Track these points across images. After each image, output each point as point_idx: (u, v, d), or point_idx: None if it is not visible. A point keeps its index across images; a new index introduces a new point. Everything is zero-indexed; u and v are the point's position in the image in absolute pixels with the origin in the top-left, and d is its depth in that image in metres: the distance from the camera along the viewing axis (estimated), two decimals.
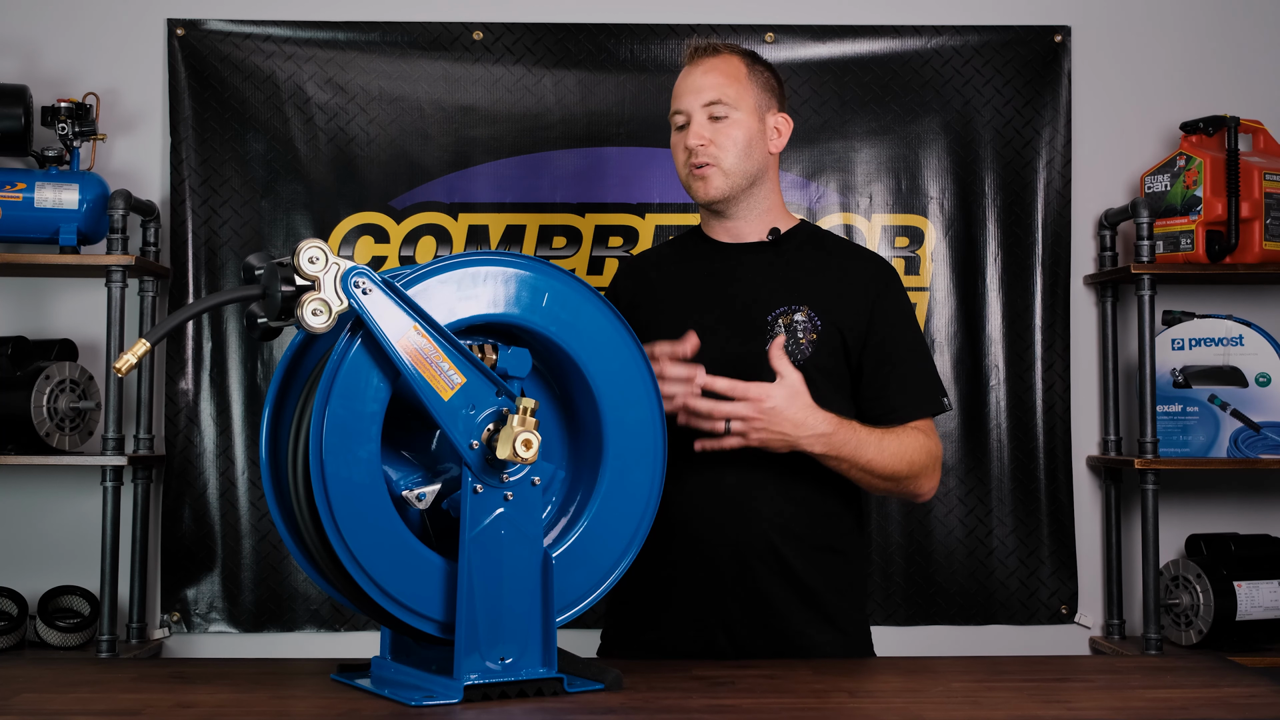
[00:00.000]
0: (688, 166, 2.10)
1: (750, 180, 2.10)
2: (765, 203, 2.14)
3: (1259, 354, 3.05)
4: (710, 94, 2.08)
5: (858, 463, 1.97)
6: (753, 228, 2.14)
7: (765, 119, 2.12)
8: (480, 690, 1.51)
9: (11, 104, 2.92)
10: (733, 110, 2.08)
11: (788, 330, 2.04)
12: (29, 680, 1.69)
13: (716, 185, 2.08)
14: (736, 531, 2.01)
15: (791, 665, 1.83)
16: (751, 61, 2.14)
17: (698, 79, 2.10)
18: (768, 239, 2.14)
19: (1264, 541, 3.11)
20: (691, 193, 2.12)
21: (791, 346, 2.03)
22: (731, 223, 2.14)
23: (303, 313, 1.46)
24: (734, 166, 2.08)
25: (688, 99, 2.10)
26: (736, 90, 2.09)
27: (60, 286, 3.18)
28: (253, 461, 3.11)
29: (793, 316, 2.05)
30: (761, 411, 1.89)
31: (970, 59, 3.22)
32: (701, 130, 2.07)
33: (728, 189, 2.09)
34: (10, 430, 2.87)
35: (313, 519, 1.50)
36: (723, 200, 2.10)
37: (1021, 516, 3.18)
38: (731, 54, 2.12)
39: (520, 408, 1.51)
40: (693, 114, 2.09)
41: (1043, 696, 1.61)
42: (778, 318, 2.05)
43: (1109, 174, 3.27)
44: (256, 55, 3.16)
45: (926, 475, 2.05)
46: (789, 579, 2.03)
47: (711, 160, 2.07)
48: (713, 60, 2.11)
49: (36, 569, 3.09)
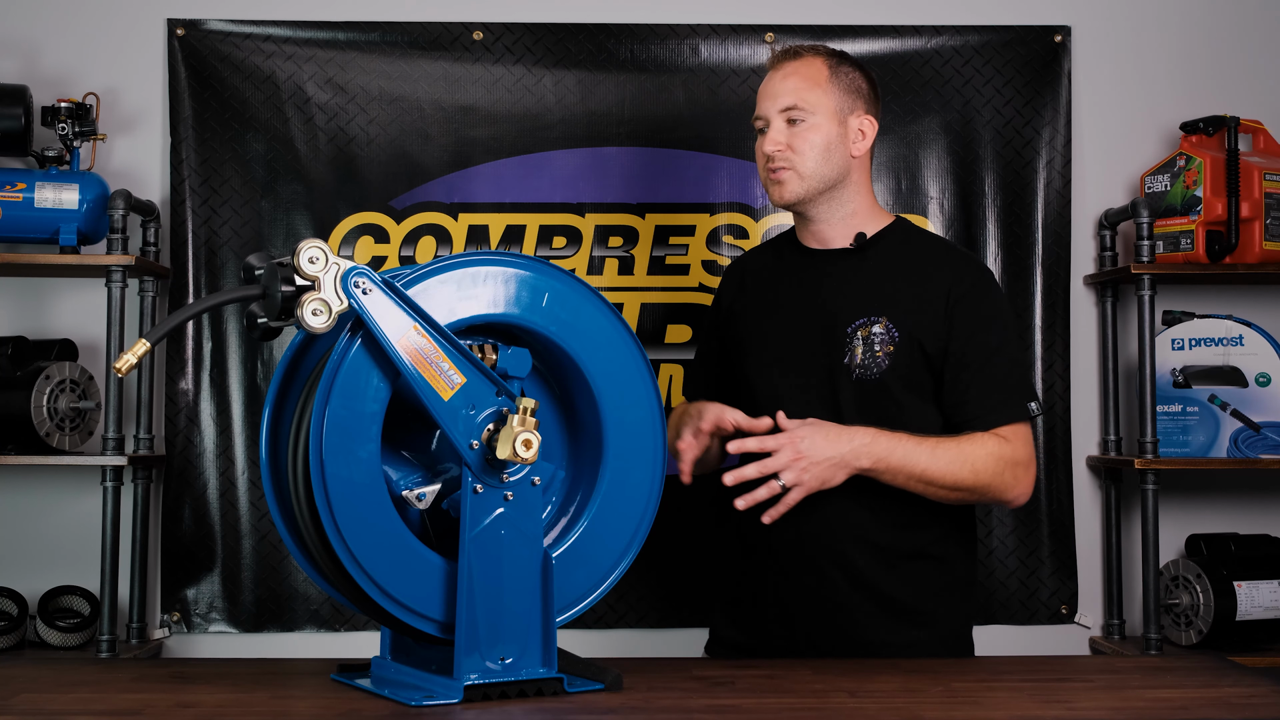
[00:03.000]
0: (766, 171, 2.11)
1: (828, 184, 2.10)
2: (849, 206, 2.13)
3: (1259, 354, 3.05)
4: (787, 99, 2.08)
5: (913, 473, 1.96)
6: (837, 231, 2.14)
7: (847, 122, 2.10)
8: (480, 690, 1.51)
9: (11, 104, 2.92)
10: (810, 115, 2.07)
11: (865, 343, 2.04)
12: (29, 680, 1.69)
13: (792, 189, 2.08)
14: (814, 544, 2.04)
15: (791, 665, 1.83)
16: (836, 63, 2.13)
17: (777, 84, 2.11)
18: (852, 245, 2.13)
19: (1264, 541, 3.11)
20: (770, 197, 2.13)
21: (868, 359, 2.03)
22: (815, 226, 2.14)
23: (303, 313, 1.46)
24: (811, 171, 2.07)
25: (766, 104, 2.11)
26: (816, 95, 2.08)
27: (60, 286, 3.18)
28: (253, 461, 3.11)
29: (871, 329, 2.04)
30: (799, 451, 1.89)
31: (970, 59, 3.22)
32: (778, 136, 2.08)
33: (803, 193, 2.09)
34: (10, 430, 2.87)
35: (313, 519, 1.50)
36: (799, 204, 2.10)
37: (1021, 516, 3.18)
38: (815, 56, 2.12)
39: (520, 408, 1.51)
40: (771, 119, 2.09)
41: (1043, 696, 1.61)
42: (856, 330, 2.05)
43: (1109, 174, 3.27)
44: (256, 55, 3.16)
45: (1002, 483, 2.01)
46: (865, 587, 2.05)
47: (787, 164, 2.07)
48: (793, 64, 2.11)
49: (36, 569, 3.09)
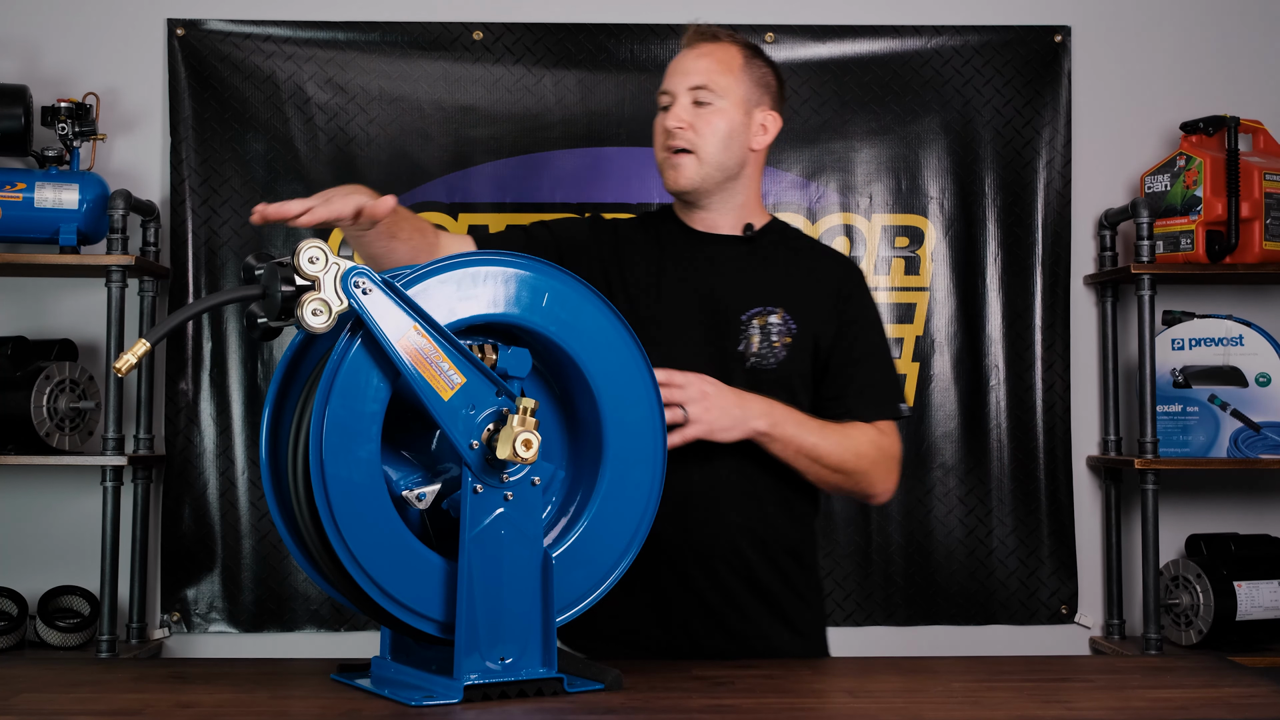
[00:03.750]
0: (664, 150, 2.04)
1: (726, 173, 2.05)
2: (740, 198, 2.09)
3: (1259, 354, 3.05)
4: (698, 78, 2.03)
5: (802, 446, 1.93)
6: (726, 220, 2.09)
7: (752, 114, 2.06)
8: (480, 690, 1.51)
9: (11, 104, 2.92)
10: (718, 99, 2.02)
11: (761, 332, 2.01)
12: (29, 680, 1.69)
13: (688, 175, 2.03)
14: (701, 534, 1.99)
15: (791, 665, 1.83)
16: (750, 54, 2.09)
17: (690, 62, 2.05)
18: (742, 234, 2.09)
19: (1264, 541, 3.11)
20: (664, 180, 2.06)
21: (765, 349, 2.00)
22: (704, 213, 2.09)
23: (303, 313, 1.46)
24: (711, 156, 2.02)
25: (676, 80, 2.05)
26: (727, 80, 2.04)
27: (60, 286, 3.18)
28: (253, 461, 3.11)
29: (767, 319, 2.02)
30: (703, 392, 1.86)
31: (970, 59, 3.22)
32: (683, 114, 2.02)
33: (700, 179, 2.03)
34: (10, 430, 2.87)
35: (313, 519, 1.50)
36: (693, 191, 2.05)
37: (1021, 516, 3.18)
38: (731, 43, 2.08)
39: (520, 408, 1.51)
40: (678, 96, 2.04)
41: (1043, 696, 1.61)
42: (752, 318, 2.02)
43: (1109, 174, 3.27)
44: (256, 55, 3.16)
45: (879, 473, 2.01)
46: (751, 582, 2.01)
47: (688, 145, 2.02)
48: (709, 46, 2.07)
49: (36, 569, 3.09)
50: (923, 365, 3.19)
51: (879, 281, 3.20)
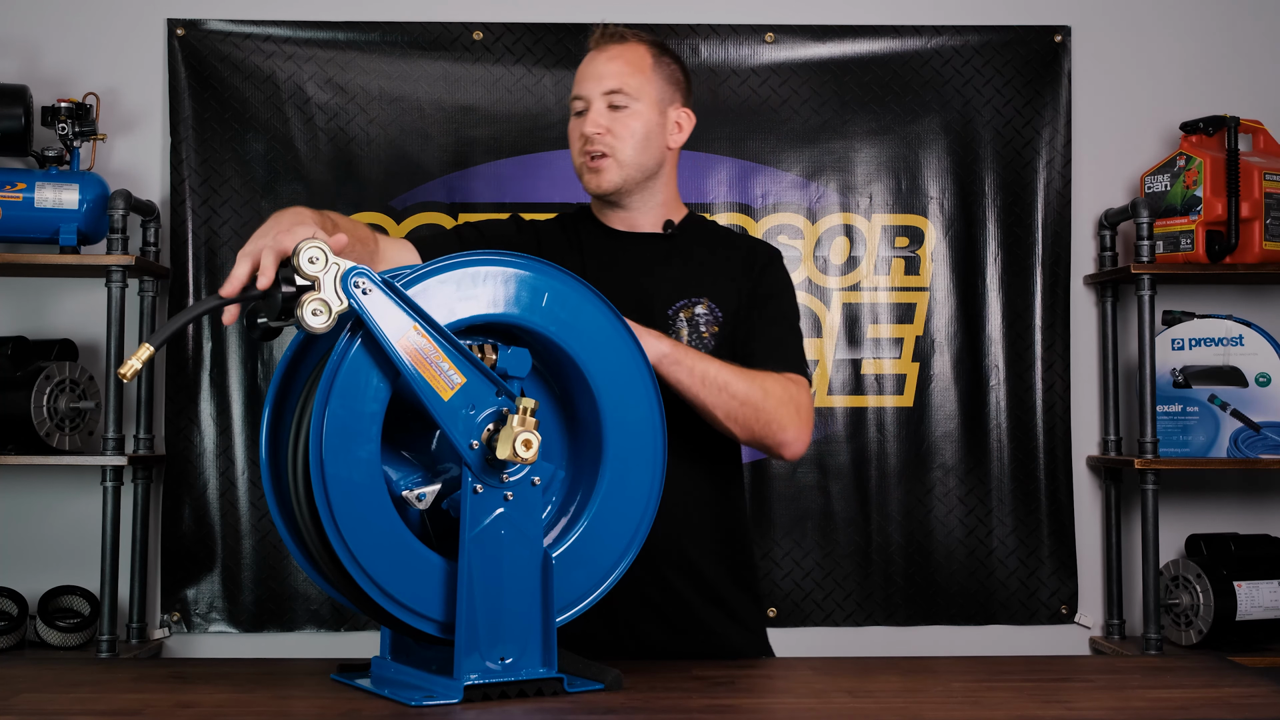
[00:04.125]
0: (583, 155, 2.04)
1: (646, 174, 2.05)
2: (660, 196, 2.09)
3: (1259, 354, 3.06)
4: (611, 82, 2.03)
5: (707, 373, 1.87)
6: (647, 219, 2.09)
7: (667, 113, 2.06)
8: (480, 690, 1.51)
9: (11, 104, 2.93)
10: (633, 101, 2.02)
11: (689, 324, 2.01)
12: (29, 680, 1.69)
13: (610, 178, 2.03)
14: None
15: (791, 665, 1.83)
16: (659, 53, 2.09)
17: (601, 66, 2.05)
18: (663, 231, 2.09)
19: (1264, 541, 3.11)
20: (584, 184, 2.06)
21: (694, 340, 2.00)
22: (626, 213, 2.09)
23: (303, 313, 1.46)
24: (630, 159, 2.02)
25: (588, 85, 2.04)
26: (639, 81, 2.04)
27: (60, 286, 3.18)
28: (253, 461, 3.11)
29: (694, 310, 2.01)
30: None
31: (970, 59, 3.22)
32: (599, 119, 2.02)
33: (621, 181, 2.03)
34: (10, 430, 2.87)
35: (313, 519, 1.50)
36: (615, 193, 2.05)
37: (1021, 516, 3.18)
38: (639, 43, 2.07)
39: (520, 408, 1.51)
40: (592, 101, 2.03)
41: (1043, 696, 1.61)
42: (679, 311, 2.02)
43: (1109, 174, 3.27)
44: (256, 55, 3.16)
45: (787, 414, 1.93)
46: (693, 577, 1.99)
47: (607, 150, 2.02)
48: (618, 48, 2.06)
49: (36, 569, 3.10)
50: (923, 365, 3.19)
51: (879, 281, 3.20)
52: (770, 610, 3.14)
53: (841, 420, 3.19)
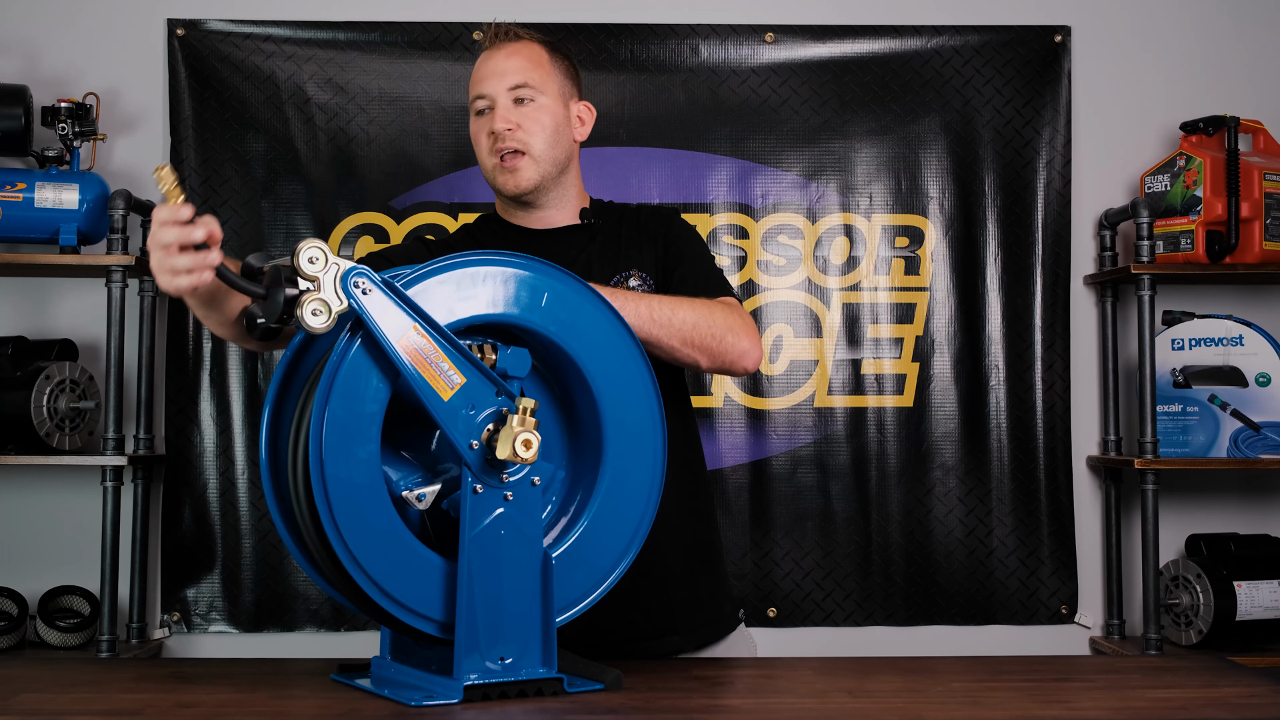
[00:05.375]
0: (494, 155, 2.01)
1: (559, 168, 2.03)
2: (573, 189, 2.08)
3: (1259, 354, 3.06)
4: (515, 77, 2.00)
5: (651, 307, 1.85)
6: (563, 215, 2.08)
7: (569, 105, 2.06)
8: (480, 690, 1.51)
9: (11, 104, 2.93)
10: (539, 94, 2.00)
11: None
12: (29, 680, 1.69)
13: (527, 176, 2.00)
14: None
15: (791, 665, 1.83)
16: (551, 49, 2.07)
17: (501, 62, 2.02)
18: (582, 221, 2.08)
19: (1264, 541, 3.11)
20: (499, 186, 2.03)
21: None
22: (541, 213, 2.07)
23: (303, 313, 1.46)
24: (543, 154, 2.00)
25: (491, 83, 2.01)
26: (541, 75, 2.02)
27: (60, 286, 3.18)
28: (253, 461, 3.11)
29: (628, 284, 2.00)
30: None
31: (970, 59, 3.22)
32: (508, 114, 1.99)
33: (538, 178, 2.01)
34: (10, 430, 2.87)
35: (313, 519, 1.50)
36: (534, 191, 2.02)
37: (1021, 516, 3.18)
38: (532, 40, 2.06)
39: (520, 408, 1.51)
40: (497, 98, 2.00)
41: (1043, 696, 1.61)
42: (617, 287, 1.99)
43: (1109, 174, 3.27)
44: (256, 55, 3.16)
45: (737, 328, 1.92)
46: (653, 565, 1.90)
47: (520, 146, 1.99)
48: (514, 45, 2.04)
49: (36, 569, 3.10)
50: (923, 365, 3.20)
51: (879, 281, 3.20)
52: (770, 610, 3.15)
53: (841, 420, 3.19)
